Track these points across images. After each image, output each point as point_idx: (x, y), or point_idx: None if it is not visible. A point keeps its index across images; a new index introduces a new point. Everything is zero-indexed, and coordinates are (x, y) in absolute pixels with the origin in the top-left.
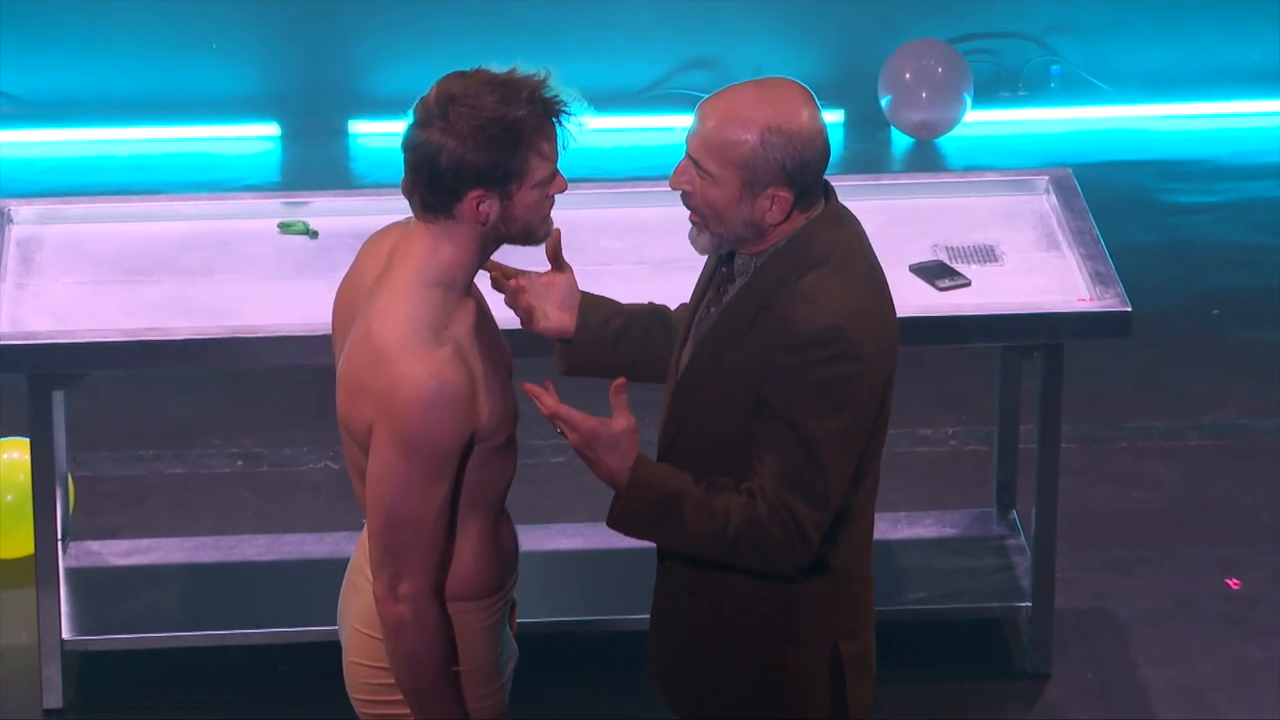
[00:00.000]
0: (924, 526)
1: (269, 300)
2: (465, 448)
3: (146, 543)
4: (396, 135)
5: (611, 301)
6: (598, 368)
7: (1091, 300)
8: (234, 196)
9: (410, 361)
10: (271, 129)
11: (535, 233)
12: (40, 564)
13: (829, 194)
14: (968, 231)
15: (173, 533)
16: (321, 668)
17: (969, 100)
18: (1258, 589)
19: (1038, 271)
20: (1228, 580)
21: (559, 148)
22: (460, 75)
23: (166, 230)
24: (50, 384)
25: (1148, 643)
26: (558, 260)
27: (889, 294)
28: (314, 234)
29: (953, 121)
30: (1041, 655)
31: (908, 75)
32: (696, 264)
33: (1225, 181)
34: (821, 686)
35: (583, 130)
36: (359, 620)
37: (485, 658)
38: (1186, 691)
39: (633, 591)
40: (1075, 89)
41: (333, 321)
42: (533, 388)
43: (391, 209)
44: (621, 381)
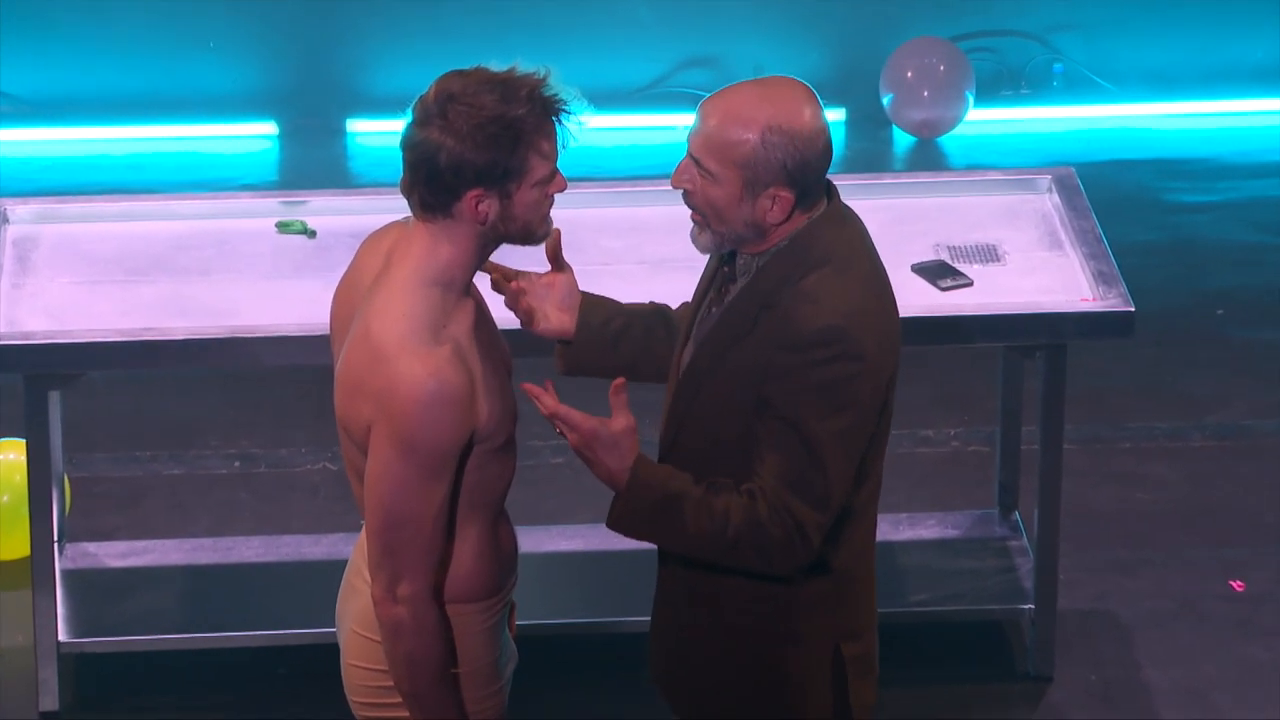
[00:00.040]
0: (926, 528)
1: (267, 300)
2: (464, 448)
3: (143, 544)
4: (395, 134)
5: (612, 301)
6: (598, 368)
7: (1094, 300)
8: (231, 196)
9: (409, 361)
10: (269, 128)
11: (535, 232)
12: (36, 565)
13: (831, 193)
14: (970, 231)
15: (170, 534)
16: (319, 670)
17: (971, 99)
18: (1261, 590)
19: (1040, 271)
20: (1231, 582)
21: (559, 146)
22: (459, 74)
23: (164, 230)
24: (46, 384)
25: (1151, 644)
26: (558, 260)
27: (891, 294)
28: (312, 233)
29: (955, 120)
30: (1044, 657)
31: (909, 74)
32: (697, 264)
33: (1228, 180)
34: (823, 687)
35: (582, 129)
36: (357, 622)
37: (484, 660)
38: (1190, 693)
39: (632, 593)
40: (1078, 87)
41: (331, 321)
42: (532, 388)
43: (390, 208)
44: (621, 381)
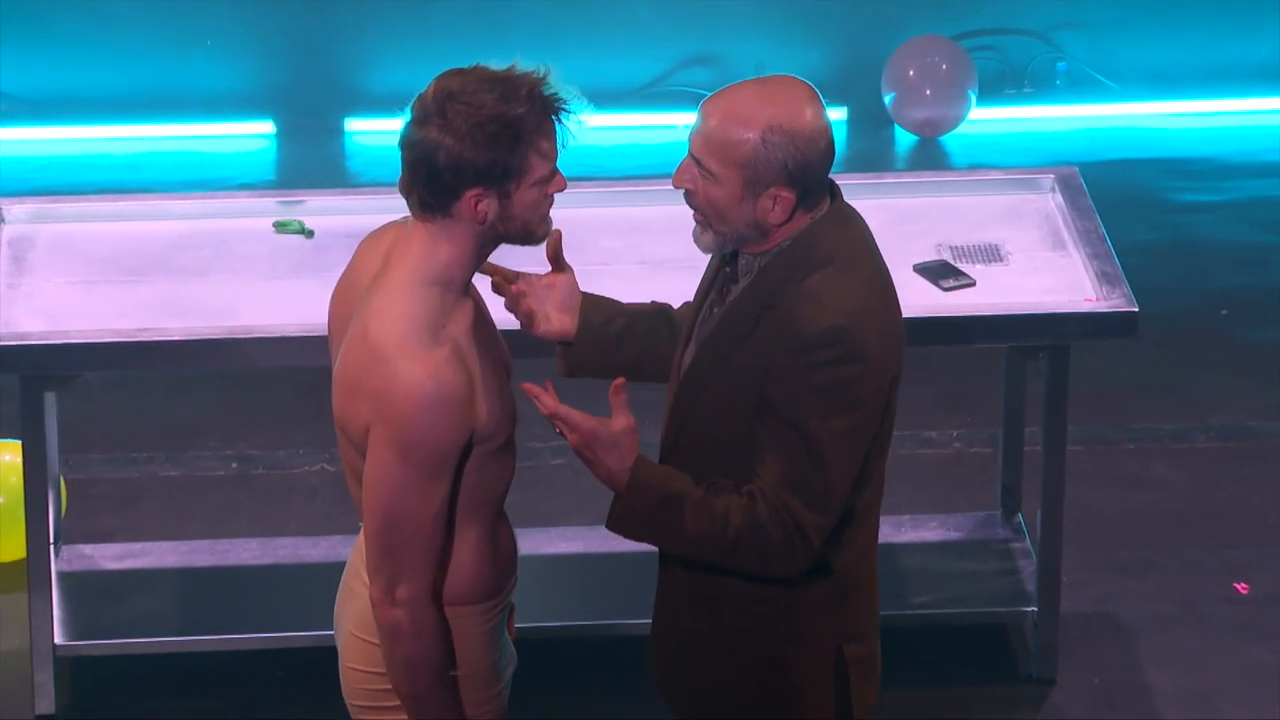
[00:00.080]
0: (928, 530)
1: (264, 300)
2: (463, 449)
3: (140, 546)
4: (393, 133)
5: (613, 302)
6: (600, 369)
7: (1098, 300)
8: (229, 195)
9: (407, 362)
10: (267, 126)
11: (534, 232)
12: (32, 568)
13: (835, 193)
14: (972, 231)
15: (166, 536)
16: (318, 673)
17: (973, 98)
18: (1266, 592)
19: (1043, 271)
20: (1235, 584)
21: (558, 146)
22: (458, 72)
23: (160, 229)
24: (42, 385)
25: (1154, 647)
26: (558, 261)
27: (895, 294)
28: (310, 233)
29: (957, 119)
30: (1047, 660)
31: (911, 72)
32: (697, 264)
33: (1232, 180)
34: (825, 689)
35: (582, 128)
36: (355, 625)
37: (483, 663)
38: (1194, 696)
39: (632, 595)
40: (1081, 86)
41: (329, 322)
42: (532, 387)
43: (388, 208)
44: (621, 381)
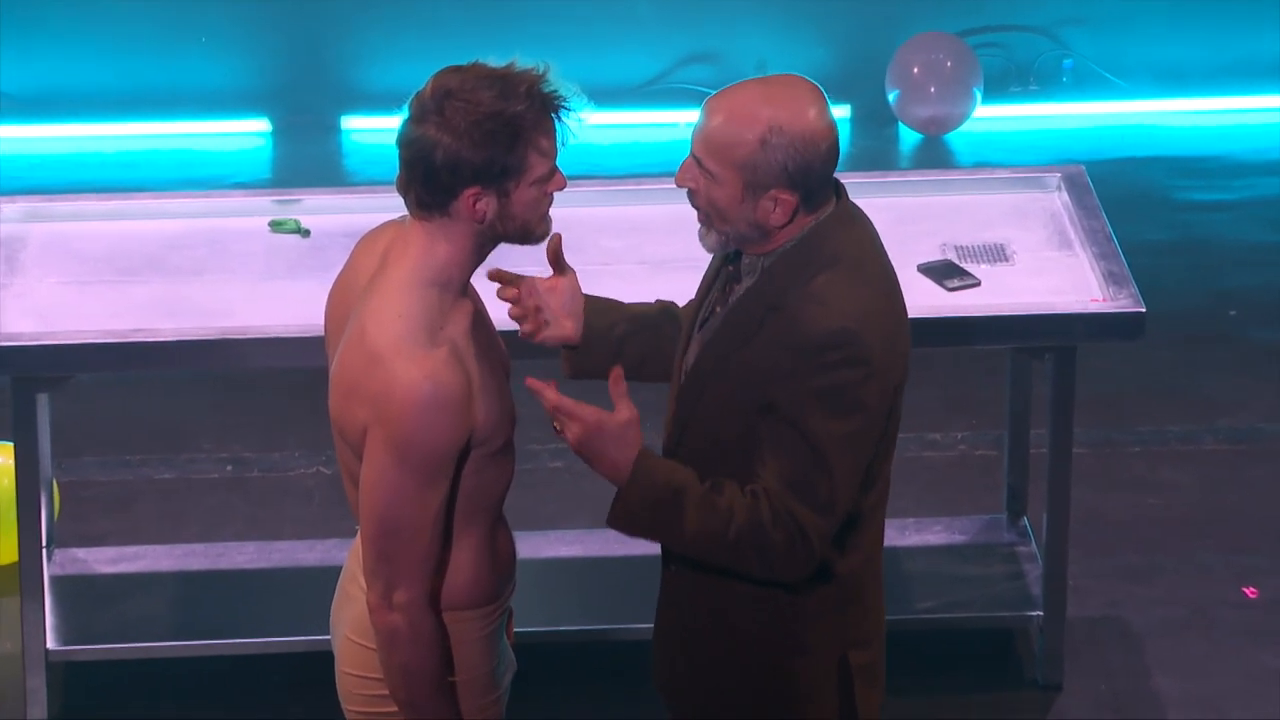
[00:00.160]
0: (933, 533)
1: (260, 301)
2: (461, 452)
3: (133, 550)
4: (391, 131)
5: (616, 303)
6: (605, 371)
7: (1104, 301)
8: (224, 194)
9: (405, 363)
10: (262, 124)
11: (533, 231)
12: (24, 572)
13: (840, 192)
14: (977, 230)
15: (160, 540)
16: (314, 678)
17: (979, 95)
18: (1275, 597)
19: (1049, 271)
20: (1244, 589)
21: (558, 144)
22: (456, 69)
23: (155, 229)
24: (35, 387)
25: (1162, 653)
26: (559, 264)
27: (901, 297)
28: (306, 232)
29: (962, 117)
30: (1053, 665)
31: (916, 70)
32: (698, 263)
33: (1241, 178)
34: (829, 696)
35: (582, 126)
36: (352, 630)
37: (482, 668)
38: (1202, 702)
39: (633, 599)
40: (1087, 84)
41: (325, 322)
42: (535, 382)
43: (386, 207)
44: (619, 371)
